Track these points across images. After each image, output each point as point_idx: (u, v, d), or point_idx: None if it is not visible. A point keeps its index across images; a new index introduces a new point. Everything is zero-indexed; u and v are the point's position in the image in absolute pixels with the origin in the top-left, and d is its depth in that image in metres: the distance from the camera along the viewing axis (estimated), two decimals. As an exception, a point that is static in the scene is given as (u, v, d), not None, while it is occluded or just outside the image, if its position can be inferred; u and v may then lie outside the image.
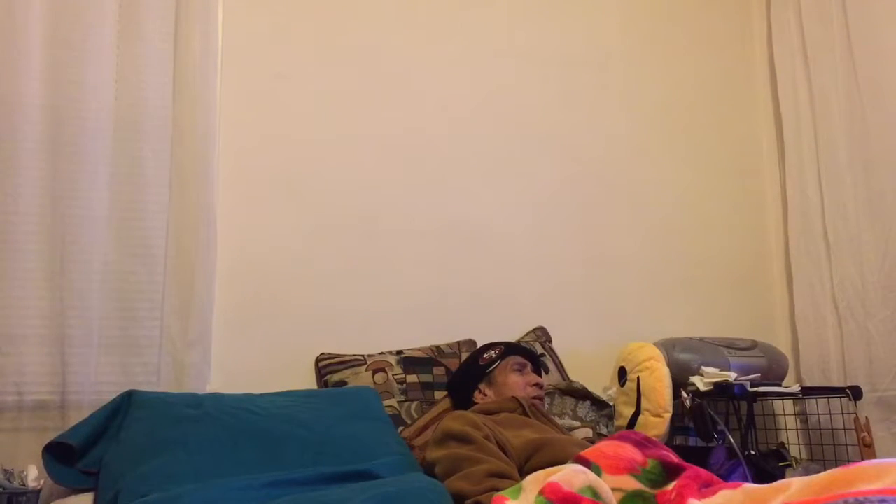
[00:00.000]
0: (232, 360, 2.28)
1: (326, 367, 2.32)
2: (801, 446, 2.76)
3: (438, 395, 2.30)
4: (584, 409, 2.36)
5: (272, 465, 1.72)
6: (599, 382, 2.50)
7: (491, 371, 2.18)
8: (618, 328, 2.71)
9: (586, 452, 1.44)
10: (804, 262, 2.92)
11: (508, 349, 2.24)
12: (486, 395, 2.15)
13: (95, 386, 2.08)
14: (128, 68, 2.23)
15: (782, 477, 2.23)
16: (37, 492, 1.81)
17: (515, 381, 2.14)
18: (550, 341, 2.61)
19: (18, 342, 2.04)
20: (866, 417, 2.50)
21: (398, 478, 1.62)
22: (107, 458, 1.76)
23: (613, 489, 1.33)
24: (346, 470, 1.67)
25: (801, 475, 1.39)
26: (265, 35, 2.51)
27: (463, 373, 2.27)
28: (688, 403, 2.34)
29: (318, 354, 2.36)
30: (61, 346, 2.07)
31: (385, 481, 1.58)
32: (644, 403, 2.32)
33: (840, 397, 2.57)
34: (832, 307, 2.81)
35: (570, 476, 1.28)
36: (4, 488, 1.77)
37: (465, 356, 2.39)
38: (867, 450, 2.41)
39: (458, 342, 2.48)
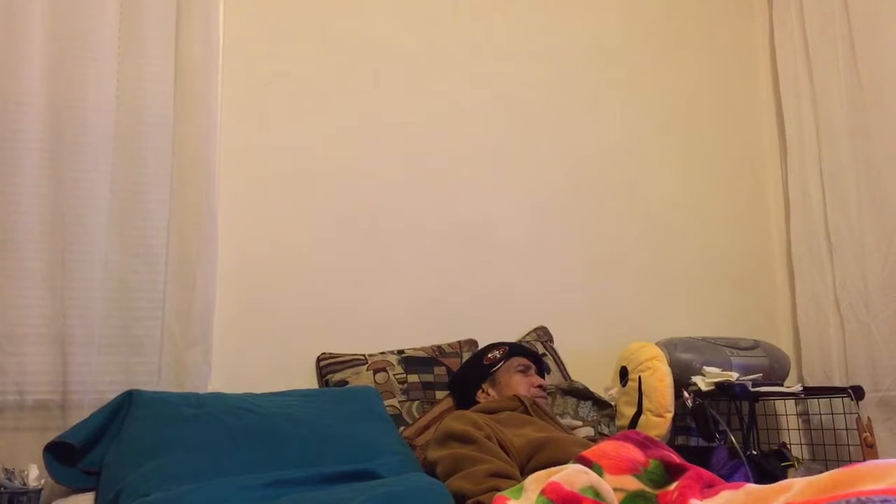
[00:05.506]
0: (233, 359, 2.28)
1: (327, 366, 2.31)
2: (803, 446, 2.75)
3: (439, 394, 2.29)
4: (586, 408, 2.35)
5: (273, 464, 1.71)
6: (601, 382, 2.49)
7: (495, 371, 2.18)
8: (619, 328, 2.71)
9: (588, 452, 1.44)
10: (806, 261, 2.92)
11: (513, 350, 2.24)
12: (488, 395, 2.15)
13: (96, 385, 2.08)
14: (129, 68, 2.23)
15: (784, 477, 2.23)
16: (38, 491, 1.81)
17: (519, 382, 2.14)
18: (552, 341, 2.61)
19: (19, 342, 2.04)
20: (868, 417, 2.49)
21: (399, 477, 1.62)
22: (108, 458, 1.76)
23: (615, 489, 1.33)
24: (347, 469, 1.67)
25: (803, 475, 1.39)
26: (266, 34, 2.51)
27: (466, 372, 2.26)
28: (689, 403, 2.34)
29: (318, 354, 2.35)
30: (62, 345, 2.06)
31: (386, 481, 1.58)
32: (646, 403, 2.31)
33: (842, 397, 2.57)
34: (834, 307, 2.80)
35: (572, 476, 1.28)
36: (5, 488, 1.77)
37: (466, 356, 2.39)
38: (869, 450, 2.41)
39: (460, 342, 2.48)
